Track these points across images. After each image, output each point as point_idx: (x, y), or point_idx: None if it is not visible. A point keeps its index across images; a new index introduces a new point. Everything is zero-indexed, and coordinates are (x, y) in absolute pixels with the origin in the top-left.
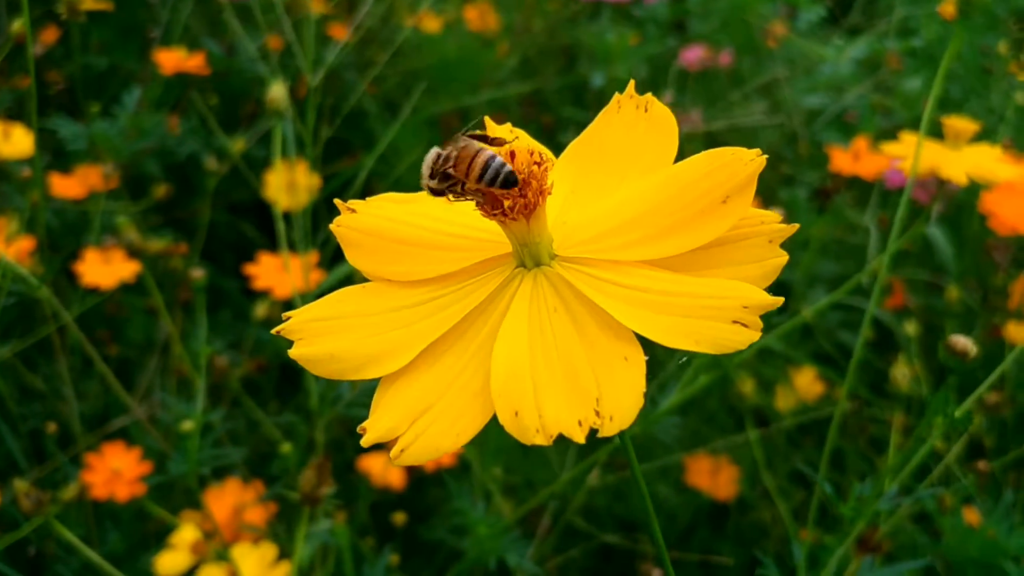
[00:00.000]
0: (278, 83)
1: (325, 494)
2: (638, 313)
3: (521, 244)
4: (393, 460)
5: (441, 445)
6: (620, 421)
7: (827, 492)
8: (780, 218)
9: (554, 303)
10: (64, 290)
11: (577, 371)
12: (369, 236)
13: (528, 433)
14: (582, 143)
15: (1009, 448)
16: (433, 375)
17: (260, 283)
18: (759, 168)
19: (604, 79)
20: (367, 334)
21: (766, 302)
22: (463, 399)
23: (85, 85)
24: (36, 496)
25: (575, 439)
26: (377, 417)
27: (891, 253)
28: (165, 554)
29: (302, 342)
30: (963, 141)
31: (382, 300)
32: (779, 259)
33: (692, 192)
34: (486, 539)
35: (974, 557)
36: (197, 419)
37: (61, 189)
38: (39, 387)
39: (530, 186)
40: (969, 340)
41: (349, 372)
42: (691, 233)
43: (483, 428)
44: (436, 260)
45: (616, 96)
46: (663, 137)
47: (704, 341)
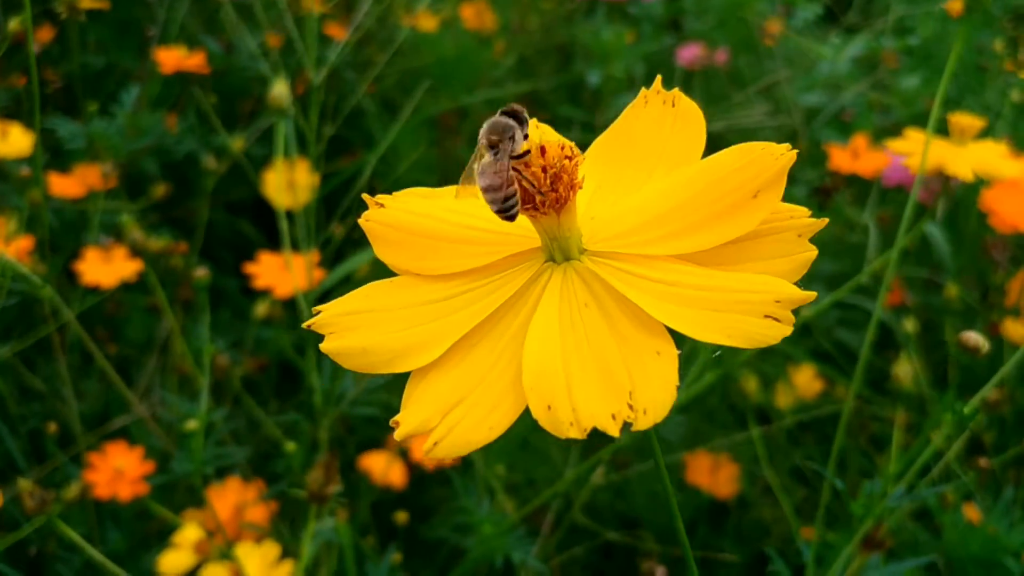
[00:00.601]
0: (280, 81)
1: (332, 492)
2: (669, 307)
3: (551, 238)
4: (426, 453)
5: (474, 438)
6: (654, 414)
7: (839, 489)
8: (809, 212)
9: (584, 298)
10: (63, 289)
11: (609, 365)
12: (397, 231)
13: (562, 426)
14: (609, 138)
15: (1009, 445)
16: (464, 368)
17: (260, 282)
18: (790, 162)
19: (600, 77)
20: (398, 327)
21: (798, 296)
22: (495, 392)
23: (83, 84)
24: (40, 495)
25: (609, 432)
26: (410, 411)
27: (898, 251)
28: (168, 553)
29: (333, 336)
30: (968, 138)
31: (412, 294)
32: (809, 253)
33: (722, 187)
34: (491, 537)
35: (975, 554)
36: (201, 418)
37: (60, 188)
38: (38, 387)
39: (561, 180)
40: (981, 336)
41: (381, 365)
42: (721, 228)
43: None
44: (465, 254)
45: (643, 91)
46: (691, 132)
47: (737, 335)
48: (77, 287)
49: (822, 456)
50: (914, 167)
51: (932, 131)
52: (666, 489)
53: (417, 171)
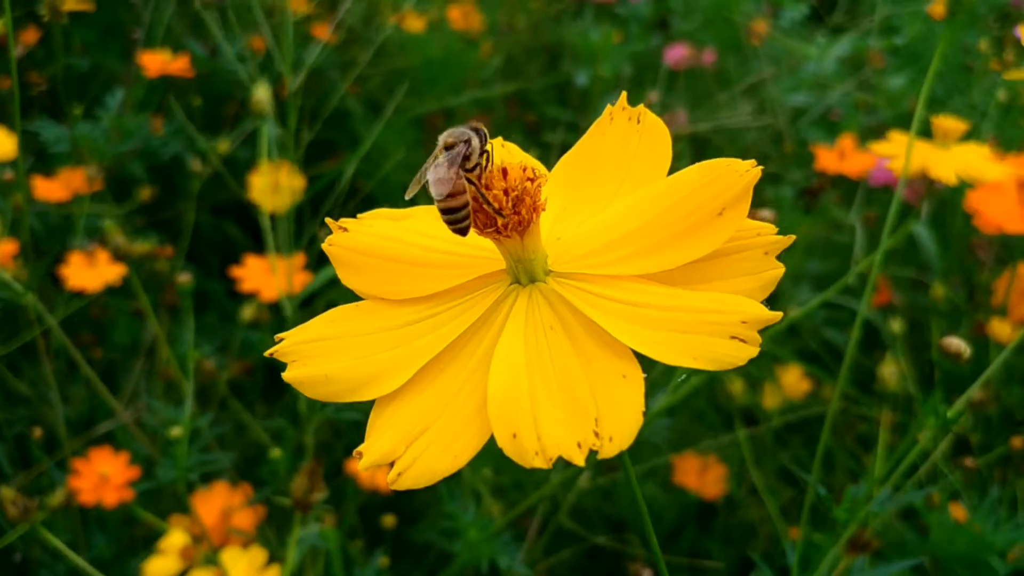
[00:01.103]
0: (261, 85)
1: (317, 500)
2: (635, 329)
3: (515, 260)
4: (390, 484)
5: (438, 468)
6: (620, 442)
7: (822, 495)
8: (776, 229)
9: (550, 320)
10: (48, 293)
11: (575, 390)
12: (362, 255)
13: (527, 456)
14: (574, 156)
15: (995, 444)
16: (429, 395)
17: (246, 285)
18: (755, 179)
19: (588, 78)
20: (362, 354)
21: (764, 316)
22: (460, 420)
23: (67, 86)
24: (23, 503)
25: (574, 462)
26: (373, 440)
27: (883, 252)
28: (154, 559)
29: (296, 364)
30: (952, 140)
31: (376, 319)
32: (775, 271)
33: (687, 205)
34: (477, 543)
35: (961, 553)
36: (185, 424)
37: (44, 192)
38: (24, 392)
39: (523, 203)
40: (963, 342)
41: (344, 394)
42: (687, 246)
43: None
44: (430, 278)
45: (608, 108)
46: (656, 149)
47: (702, 357)
48: (62, 291)
49: (810, 457)
50: (898, 170)
51: (916, 133)
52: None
53: (403, 172)
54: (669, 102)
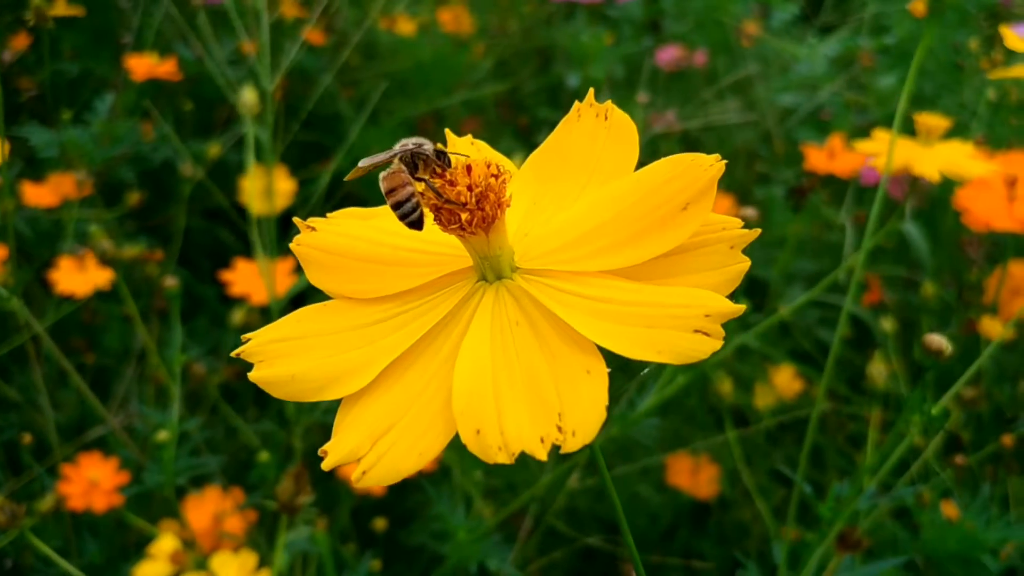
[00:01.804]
0: (249, 88)
1: (303, 503)
2: (600, 324)
3: (482, 257)
4: (355, 483)
5: (403, 466)
6: (582, 436)
7: (807, 493)
8: (741, 224)
9: (516, 316)
10: (38, 299)
11: (540, 386)
12: (329, 254)
13: (490, 451)
14: (543, 153)
15: (986, 442)
16: (395, 394)
17: (236, 289)
18: (718, 173)
19: (579, 79)
20: (328, 354)
21: (728, 310)
22: (426, 418)
23: (58, 91)
24: (11, 510)
25: (537, 456)
26: (339, 439)
27: (867, 250)
28: (144, 564)
29: (262, 364)
30: (935, 138)
31: (343, 318)
32: (741, 265)
33: (652, 200)
34: (466, 544)
35: (953, 551)
36: (172, 429)
37: (34, 198)
38: (14, 397)
39: (487, 199)
40: (944, 338)
41: (310, 393)
42: (652, 241)
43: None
44: (397, 276)
45: (576, 104)
46: (623, 145)
47: (666, 351)
48: (52, 296)
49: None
50: (881, 167)
51: (900, 131)
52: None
53: None
54: (658, 102)
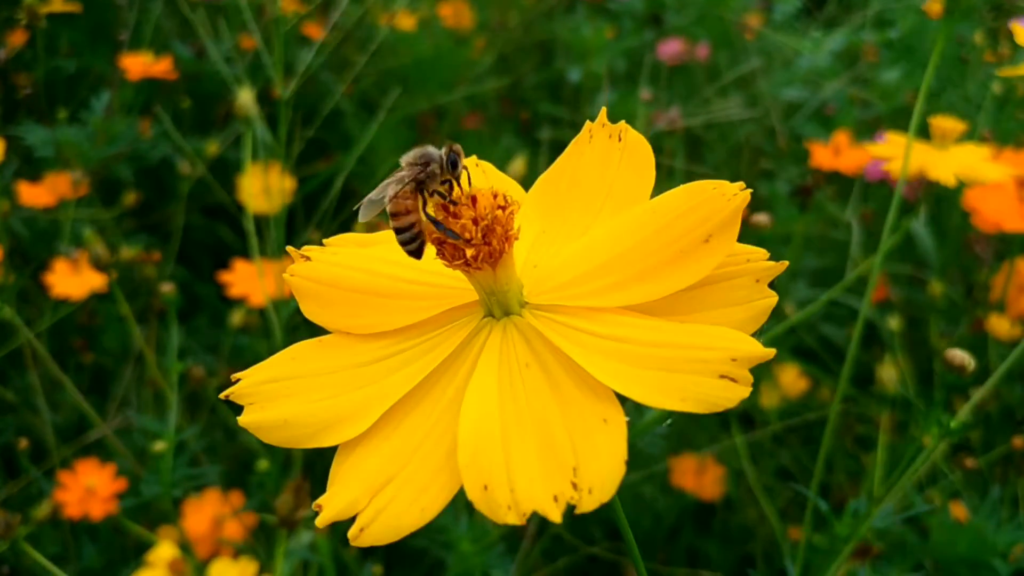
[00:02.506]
0: (245, 89)
1: (302, 517)
2: (617, 368)
3: (488, 293)
4: (352, 541)
5: (404, 523)
6: (600, 494)
7: (824, 512)
8: (767, 255)
9: (526, 357)
10: (36, 299)
11: (552, 437)
12: (325, 286)
13: (499, 511)
14: (552, 177)
15: (995, 443)
16: (395, 442)
17: (235, 290)
18: (743, 203)
19: (581, 74)
20: (324, 396)
21: (756, 353)
22: (428, 470)
23: (55, 88)
24: (5, 520)
25: (550, 518)
26: (335, 491)
27: (884, 252)
28: (142, 573)
29: (253, 407)
30: (950, 140)
31: (340, 356)
32: (768, 300)
33: (671, 231)
34: (470, 555)
35: (963, 554)
36: (169, 440)
37: (30, 197)
38: (11, 400)
39: (494, 232)
40: (967, 354)
41: (304, 439)
42: (672, 276)
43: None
44: (398, 310)
45: (587, 125)
46: (639, 169)
47: (690, 399)
48: (50, 298)
49: (808, 456)
50: (896, 172)
51: (914, 132)
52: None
53: None
54: (660, 97)
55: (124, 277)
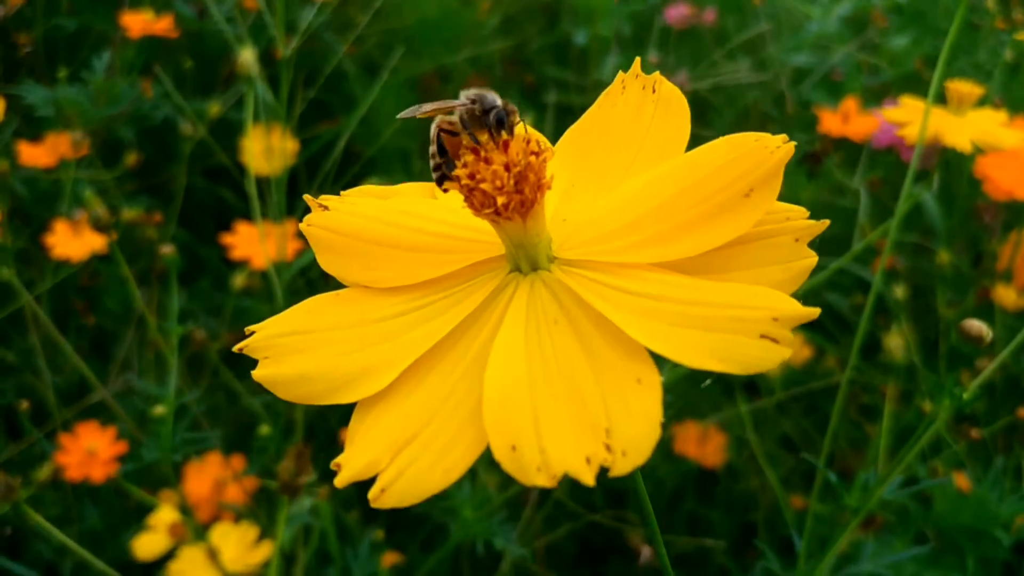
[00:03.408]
0: (247, 49)
1: (304, 483)
2: (651, 326)
3: (516, 246)
4: (373, 502)
5: (427, 484)
6: (634, 456)
7: (834, 483)
8: (807, 213)
9: (554, 314)
10: (38, 260)
11: (583, 396)
12: (344, 237)
13: (528, 472)
14: (582, 128)
15: (999, 413)
16: (417, 399)
17: (237, 253)
18: (787, 156)
19: (587, 37)
20: (343, 350)
21: (799, 313)
22: (452, 427)
23: (55, 47)
24: (6, 482)
25: (583, 480)
26: (355, 450)
27: (897, 222)
28: (143, 536)
29: (268, 361)
30: (967, 106)
31: (359, 310)
32: (807, 261)
33: (711, 184)
34: (473, 522)
35: (965, 524)
36: (169, 404)
37: (30, 158)
38: (12, 361)
39: (526, 180)
40: (984, 324)
41: (323, 395)
42: (709, 232)
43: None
44: (419, 264)
45: (620, 75)
46: (674, 121)
47: (729, 359)
48: (51, 259)
49: (812, 425)
50: (911, 137)
51: (920, 93)
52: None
53: (399, 136)
54: (667, 61)
55: (126, 238)
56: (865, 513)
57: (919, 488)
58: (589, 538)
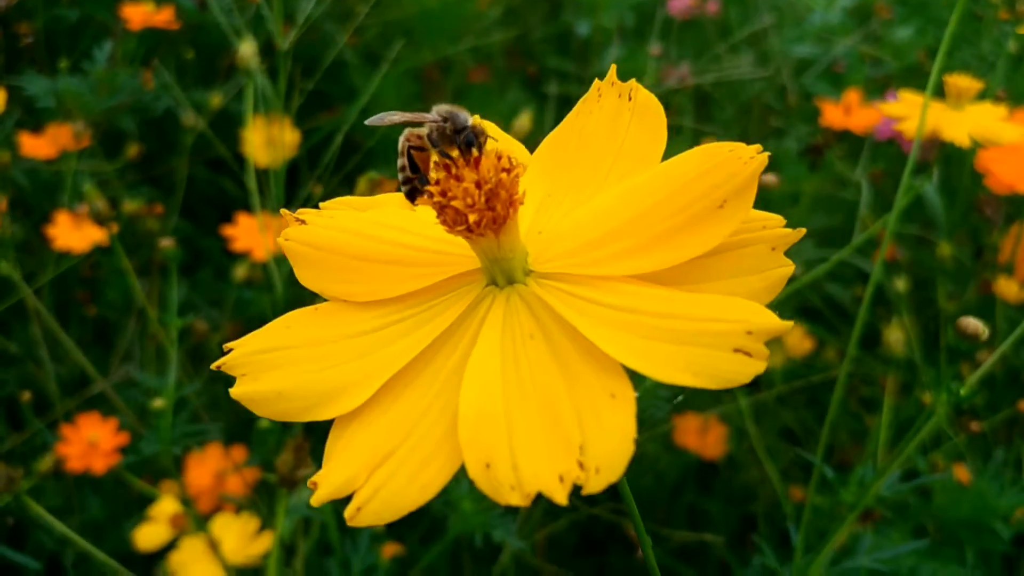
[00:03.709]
0: (247, 41)
1: (303, 476)
2: (625, 339)
3: (491, 261)
4: (349, 521)
5: (404, 501)
6: (607, 473)
7: (830, 479)
8: (784, 221)
9: (530, 328)
10: (39, 251)
11: (558, 412)
12: (321, 251)
13: (502, 490)
14: (558, 137)
15: (1000, 405)
16: (394, 415)
17: (239, 244)
18: (760, 167)
19: (589, 28)
20: (320, 367)
21: (773, 326)
22: (428, 444)
23: (56, 38)
24: (8, 473)
25: (555, 499)
26: (331, 468)
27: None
28: (144, 527)
29: (245, 378)
30: (966, 100)
31: (337, 325)
32: (784, 269)
33: (685, 196)
34: (472, 515)
35: (965, 517)
36: (169, 397)
37: (31, 149)
38: (14, 352)
39: (498, 197)
40: (980, 322)
41: (300, 413)
42: (684, 243)
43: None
44: (397, 277)
45: (596, 83)
46: (650, 130)
47: (702, 374)
48: (52, 250)
49: (812, 418)
50: (909, 132)
51: (931, 91)
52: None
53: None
54: (671, 53)
55: (127, 229)
56: (862, 508)
57: (918, 483)
58: (589, 530)
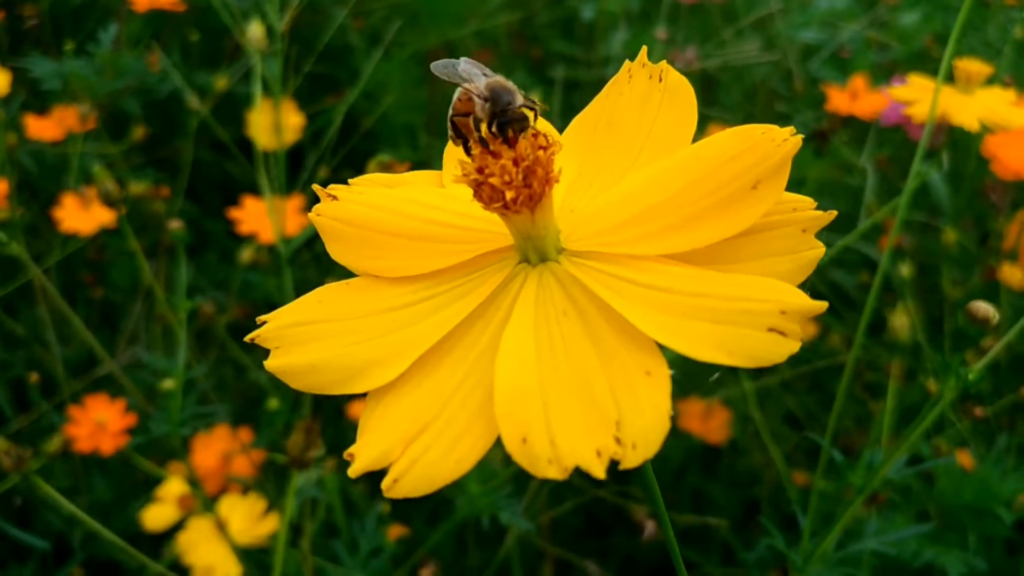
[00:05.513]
0: (255, 23)
1: (313, 457)
2: (660, 318)
3: (524, 238)
4: (386, 492)
5: (439, 474)
6: (644, 449)
7: (838, 462)
8: (814, 204)
9: (563, 305)
10: (46, 233)
11: (593, 388)
12: (353, 227)
13: (539, 464)
14: (588, 117)
15: (1004, 391)
16: (428, 389)
17: (245, 227)
18: (794, 149)
19: (594, 12)
20: (353, 340)
21: (807, 306)
22: (462, 418)
23: (61, 20)
24: (16, 453)
25: (593, 473)
26: (367, 440)
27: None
28: (152, 508)
29: (279, 351)
30: (975, 84)
31: (369, 300)
32: (815, 251)
33: (718, 177)
34: (478, 497)
35: (968, 502)
36: (178, 378)
37: (37, 131)
38: (21, 334)
39: (534, 174)
40: (991, 306)
41: (334, 385)
42: (717, 223)
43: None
44: (429, 253)
45: (626, 64)
46: (681, 111)
47: (737, 352)
48: (59, 232)
49: (816, 403)
50: (919, 116)
51: (942, 75)
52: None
53: (405, 111)
54: (677, 37)
55: (133, 211)
56: (869, 491)
57: (923, 468)
58: (594, 512)
